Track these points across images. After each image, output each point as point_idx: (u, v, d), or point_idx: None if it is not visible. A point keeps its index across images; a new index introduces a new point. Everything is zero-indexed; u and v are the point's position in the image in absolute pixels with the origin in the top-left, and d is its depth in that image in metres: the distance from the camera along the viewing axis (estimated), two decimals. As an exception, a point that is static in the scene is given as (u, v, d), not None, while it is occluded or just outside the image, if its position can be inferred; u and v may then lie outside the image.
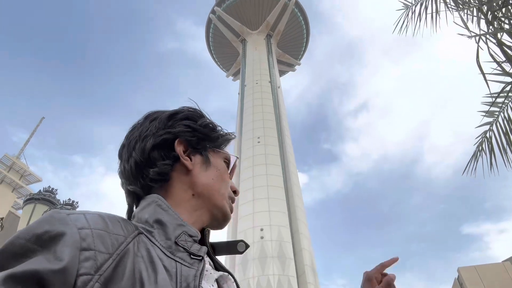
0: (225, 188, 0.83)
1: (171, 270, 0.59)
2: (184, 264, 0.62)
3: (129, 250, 0.57)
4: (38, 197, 4.76)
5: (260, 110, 29.28)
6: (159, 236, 0.66)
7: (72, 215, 0.55)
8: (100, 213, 0.61)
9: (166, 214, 0.70)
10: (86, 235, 0.53)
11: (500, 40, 3.38)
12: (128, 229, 0.62)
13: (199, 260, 0.65)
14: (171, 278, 0.58)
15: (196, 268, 0.62)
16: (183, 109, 0.87)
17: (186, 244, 0.66)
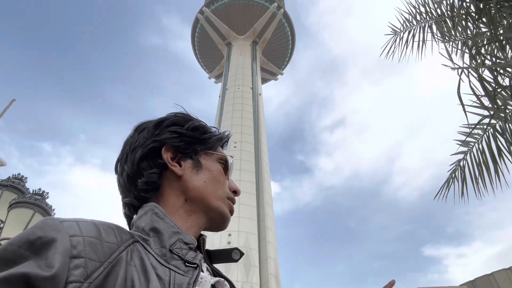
0: (220, 189, 0.82)
1: (164, 278, 0.60)
2: (178, 272, 0.62)
3: (122, 258, 0.57)
4: (6, 184, 4.58)
5: (239, 115, 29.31)
6: (155, 244, 0.67)
7: (65, 222, 0.55)
8: (94, 221, 0.60)
9: (162, 222, 0.71)
10: (77, 242, 0.53)
11: (481, 75, 3.52)
12: (122, 237, 0.61)
13: (193, 268, 0.65)
14: (164, 286, 0.58)
15: (190, 275, 0.62)
16: (170, 116, 0.87)
17: (181, 251, 0.66)
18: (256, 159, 26.10)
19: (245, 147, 26.54)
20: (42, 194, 4.43)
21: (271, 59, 40.77)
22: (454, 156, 4.85)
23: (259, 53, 38.00)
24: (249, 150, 26.42)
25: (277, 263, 25.40)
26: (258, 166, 25.80)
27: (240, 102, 30.97)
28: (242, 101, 31.11)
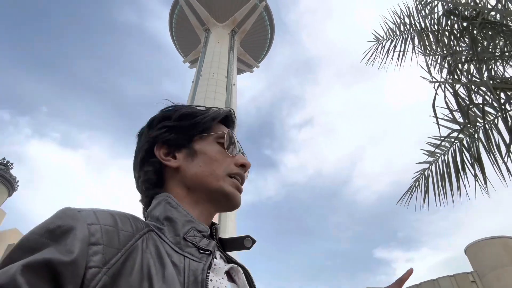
0: (218, 168, 0.81)
1: (179, 265, 0.61)
2: (193, 258, 0.64)
3: (138, 246, 0.60)
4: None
5: (211, 103, 29.01)
6: (169, 232, 0.69)
7: (83, 211, 0.58)
8: (110, 211, 0.63)
9: (175, 211, 0.73)
10: (95, 230, 0.55)
11: (457, 91, 3.67)
12: (137, 226, 0.64)
13: (207, 255, 0.66)
14: (179, 272, 0.60)
15: (204, 262, 0.64)
16: (159, 112, 0.89)
17: (194, 239, 0.68)
18: (224, 149, 26.03)
19: (214, 136, 26.39)
20: (6, 164, 4.20)
21: (248, 50, 40.59)
22: (419, 165, 5.05)
23: (237, 43, 37.71)
24: (218, 140, 26.33)
25: (234, 254, 25.36)
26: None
27: (213, 90, 30.67)
28: (215, 89, 30.82)
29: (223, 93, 30.84)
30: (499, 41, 3.90)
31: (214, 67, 32.97)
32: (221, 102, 29.61)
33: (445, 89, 3.75)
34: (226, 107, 0.93)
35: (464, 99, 3.78)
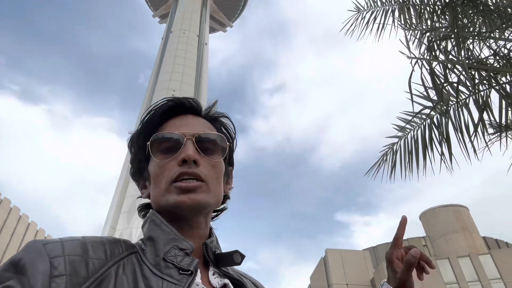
0: (161, 182, 0.73)
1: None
2: (171, 281, 0.61)
3: (111, 273, 0.58)
4: None
5: (181, 62, 28.07)
6: (150, 253, 0.67)
7: (48, 244, 0.57)
8: (84, 238, 0.62)
9: (158, 230, 0.70)
10: (58, 263, 0.55)
11: (433, 69, 3.65)
12: (114, 252, 0.62)
13: (187, 275, 0.63)
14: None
15: (183, 284, 0.61)
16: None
17: (175, 259, 0.65)
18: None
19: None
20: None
21: (222, 8, 39.12)
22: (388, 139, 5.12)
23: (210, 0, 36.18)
24: (188, 101, 25.70)
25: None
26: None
27: (184, 49, 29.56)
28: (186, 48, 29.73)
29: (194, 53, 29.82)
30: (478, 20, 3.87)
31: (186, 23, 31.65)
32: (192, 61, 28.65)
33: (422, 66, 3.72)
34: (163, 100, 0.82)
35: (439, 76, 3.78)
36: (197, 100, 0.85)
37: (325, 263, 26.23)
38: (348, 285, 24.28)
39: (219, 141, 0.79)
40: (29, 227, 52.50)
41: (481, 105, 3.66)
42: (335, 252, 26.01)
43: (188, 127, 0.77)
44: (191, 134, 0.75)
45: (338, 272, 24.79)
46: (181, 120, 0.79)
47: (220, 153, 0.78)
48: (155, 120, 0.79)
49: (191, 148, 0.73)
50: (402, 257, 0.90)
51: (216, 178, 0.75)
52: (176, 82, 26.30)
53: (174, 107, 0.81)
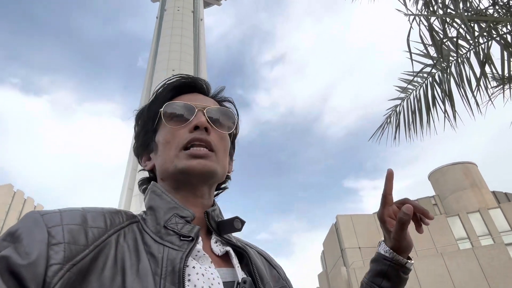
0: (171, 148, 0.74)
1: (157, 255, 0.60)
2: (172, 247, 0.62)
3: (111, 241, 0.60)
4: None
5: (178, 40, 27.65)
6: (151, 222, 0.68)
7: (47, 214, 0.59)
8: (82, 209, 0.63)
9: (159, 199, 0.72)
10: (56, 232, 0.55)
11: (431, 25, 3.56)
12: (114, 221, 0.64)
13: (188, 241, 0.64)
14: (157, 263, 0.59)
15: (184, 249, 0.62)
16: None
17: (176, 226, 0.66)
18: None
19: (183, 75, 25.44)
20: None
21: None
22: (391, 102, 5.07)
23: (202, -27, 35.20)
24: (188, 79, 25.41)
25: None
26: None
27: (179, 26, 29.06)
28: (182, 25, 29.21)
29: (190, 29, 29.32)
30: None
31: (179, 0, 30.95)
32: (189, 39, 28.21)
33: (420, 22, 3.63)
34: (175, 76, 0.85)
35: (438, 32, 3.69)
36: (207, 82, 0.89)
37: (337, 228, 26.65)
38: (361, 248, 24.74)
39: (228, 116, 0.82)
40: (45, 216, 53.53)
41: (482, 58, 3.58)
42: (346, 217, 26.37)
43: (199, 101, 0.80)
44: (202, 106, 0.78)
45: (350, 236, 25.21)
46: (192, 96, 0.82)
47: (228, 128, 0.81)
48: (165, 94, 0.82)
49: (203, 117, 0.76)
50: (395, 214, 0.87)
51: (224, 150, 0.78)
52: (175, 61, 26.01)
53: (186, 84, 0.84)
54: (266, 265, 0.81)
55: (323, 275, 29.17)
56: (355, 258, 23.78)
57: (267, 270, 0.79)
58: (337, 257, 26.14)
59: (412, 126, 4.58)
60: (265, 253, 0.88)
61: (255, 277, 0.68)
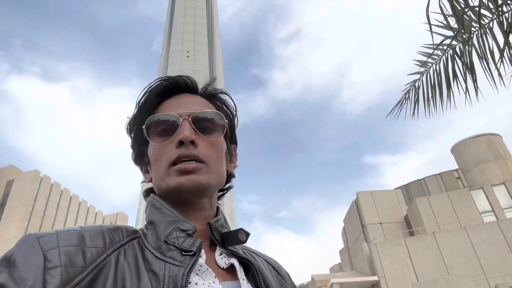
0: (161, 165, 0.71)
1: (159, 272, 0.58)
2: (174, 263, 0.60)
3: (111, 260, 0.58)
4: None
5: (191, 21, 27.37)
6: (151, 237, 0.66)
7: (43, 237, 0.57)
8: (80, 228, 0.61)
9: (158, 213, 0.69)
10: (52, 255, 0.54)
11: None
12: (114, 239, 0.62)
13: (190, 256, 0.62)
14: (158, 281, 0.57)
15: (186, 265, 0.60)
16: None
17: (177, 241, 0.64)
18: (210, 71, 25.17)
19: (198, 56, 25.30)
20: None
21: (226, -42, 37.27)
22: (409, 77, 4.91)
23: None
24: (203, 60, 25.26)
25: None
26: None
27: (192, 6, 28.72)
28: (194, 5, 28.87)
29: (203, 9, 28.96)
30: None
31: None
32: (202, 18, 27.92)
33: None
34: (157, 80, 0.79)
35: (459, 2, 3.51)
36: (192, 77, 0.82)
37: (357, 205, 26.60)
38: (382, 224, 24.69)
39: (217, 119, 0.76)
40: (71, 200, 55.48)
41: (506, 27, 3.40)
42: (366, 193, 26.25)
43: (185, 106, 0.75)
44: (187, 113, 0.72)
45: (371, 212, 25.15)
46: (177, 100, 0.77)
47: (220, 131, 0.76)
48: (150, 102, 0.77)
49: (188, 128, 0.71)
50: None
51: (216, 158, 0.73)
52: (189, 42, 25.85)
53: (168, 87, 0.78)
54: (274, 275, 0.79)
55: (345, 251, 29.37)
56: (376, 233, 23.77)
57: (275, 280, 0.76)
58: (358, 233, 26.20)
59: (432, 101, 4.44)
60: (274, 261, 0.85)
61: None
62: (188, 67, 24.92)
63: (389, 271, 19.97)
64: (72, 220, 53.54)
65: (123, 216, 63.17)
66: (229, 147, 0.83)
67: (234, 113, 0.85)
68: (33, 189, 48.03)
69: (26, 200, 46.47)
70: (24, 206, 46.13)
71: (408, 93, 4.87)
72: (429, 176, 29.42)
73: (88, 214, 58.12)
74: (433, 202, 22.66)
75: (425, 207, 22.68)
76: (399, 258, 20.21)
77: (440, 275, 18.28)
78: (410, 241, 20.68)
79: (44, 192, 50.00)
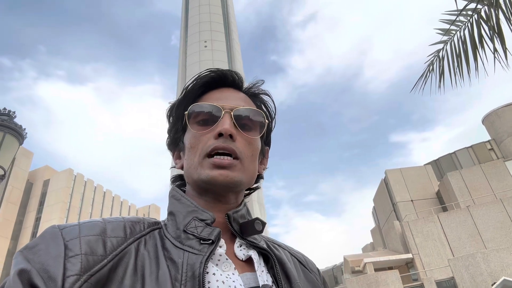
0: (195, 155, 0.72)
1: (177, 260, 0.60)
2: (192, 251, 0.61)
3: (131, 250, 0.60)
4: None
5: (207, 10, 27.28)
6: (171, 227, 0.68)
7: (65, 228, 0.60)
8: (102, 220, 0.63)
9: (178, 204, 0.71)
10: (73, 245, 0.56)
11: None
12: (135, 229, 0.64)
13: (208, 245, 0.62)
14: (177, 269, 0.58)
15: (204, 253, 0.61)
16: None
17: (196, 230, 0.65)
18: (229, 59, 25.10)
19: (216, 46, 25.26)
20: (9, 113, 4.09)
21: None
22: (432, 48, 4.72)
23: None
24: (221, 49, 25.20)
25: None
26: (231, 67, 24.93)
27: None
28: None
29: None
30: None
31: (203, -31, 30.26)
32: (217, 7, 27.77)
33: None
34: (206, 71, 0.80)
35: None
36: (240, 74, 0.84)
37: (386, 183, 26.20)
38: (413, 201, 24.26)
39: (258, 117, 0.76)
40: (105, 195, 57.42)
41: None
42: (395, 171, 25.78)
43: (228, 100, 0.75)
44: (229, 107, 0.73)
45: (401, 190, 24.73)
46: (221, 93, 0.78)
47: (258, 130, 0.76)
48: (195, 91, 0.78)
49: (228, 121, 0.71)
50: None
51: (251, 156, 0.73)
52: (206, 33, 25.82)
53: (216, 79, 0.79)
54: (299, 268, 0.78)
55: (376, 230, 29.12)
56: (407, 211, 23.42)
57: (300, 273, 0.75)
58: (388, 212, 25.88)
59: (458, 71, 4.26)
60: (301, 255, 0.84)
61: (279, 280, 0.65)
62: (207, 57, 24.93)
63: (423, 248, 19.69)
64: (107, 214, 55.43)
65: (155, 208, 64.83)
66: (263, 148, 0.83)
67: (273, 116, 0.85)
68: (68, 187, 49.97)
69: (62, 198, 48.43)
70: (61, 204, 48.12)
71: (432, 65, 4.69)
72: (460, 149, 28.51)
73: (122, 208, 60.00)
74: (465, 175, 22.02)
75: (458, 181, 22.07)
76: (432, 234, 19.86)
77: (476, 249, 17.87)
78: (444, 216, 20.26)
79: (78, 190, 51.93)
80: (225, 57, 24.76)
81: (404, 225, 20.59)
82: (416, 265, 19.52)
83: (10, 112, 4.14)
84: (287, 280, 0.67)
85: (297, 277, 0.71)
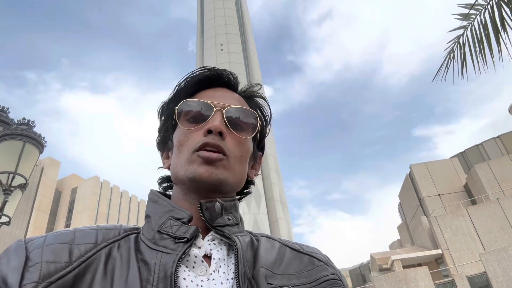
0: (183, 152, 0.69)
1: (150, 262, 0.58)
2: (166, 251, 0.59)
3: (100, 255, 0.59)
4: (-11, 117, 4.35)
5: (222, 13, 27.45)
6: (146, 229, 0.66)
7: (32, 241, 0.59)
8: (73, 229, 0.63)
9: (155, 205, 0.69)
10: (34, 254, 0.56)
11: None
12: (108, 235, 0.63)
13: (183, 243, 0.60)
14: (149, 271, 0.56)
15: (178, 252, 0.58)
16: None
17: (171, 229, 0.63)
18: (245, 61, 25.16)
19: (232, 48, 25.37)
20: (28, 123, 4.23)
21: None
22: (451, 34, 4.59)
23: None
24: (237, 52, 25.28)
25: (276, 158, 26.45)
26: (248, 68, 24.99)
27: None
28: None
29: (232, 0, 28.90)
30: None
31: (216, -28, 30.50)
32: (232, 10, 27.90)
33: None
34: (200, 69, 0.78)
35: None
36: (236, 75, 0.81)
37: (412, 178, 25.64)
38: (441, 195, 23.65)
39: (251, 118, 0.73)
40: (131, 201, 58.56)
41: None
42: (420, 166, 25.21)
43: (221, 99, 0.73)
44: (221, 105, 0.70)
45: (427, 184, 24.15)
46: (215, 92, 0.76)
47: (250, 131, 0.73)
48: (188, 89, 0.75)
49: (219, 119, 0.68)
50: None
51: (240, 157, 0.70)
52: (222, 36, 25.98)
53: (210, 77, 0.77)
54: (289, 254, 0.70)
55: (403, 226, 28.53)
56: (435, 206, 22.84)
57: (286, 257, 0.68)
58: (415, 207, 25.31)
59: (480, 57, 4.13)
60: (297, 245, 0.75)
61: (240, 270, 0.60)
62: (223, 60, 25.09)
63: (452, 243, 19.16)
64: (134, 219, 56.54)
65: (180, 212, 65.70)
66: (255, 152, 0.80)
67: (267, 121, 0.81)
68: (95, 194, 51.25)
69: (90, 204, 49.71)
70: (90, 210, 49.38)
71: (452, 52, 4.56)
72: (487, 140, 27.63)
73: (147, 213, 61.13)
74: (494, 167, 21.32)
75: (486, 173, 21.39)
76: (462, 229, 19.31)
77: (509, 242, 17.23)
78: (473, 210, 19.66)
79: (105, 196, 53.18)
80: (242, 59, 24.82)
81: (432, 220, 20.08)
82: (446, 261, 19.00)
83: (29, 121, 4.28)
84: (253, 264, 0.63)
85: (271, 263, 0.65)
